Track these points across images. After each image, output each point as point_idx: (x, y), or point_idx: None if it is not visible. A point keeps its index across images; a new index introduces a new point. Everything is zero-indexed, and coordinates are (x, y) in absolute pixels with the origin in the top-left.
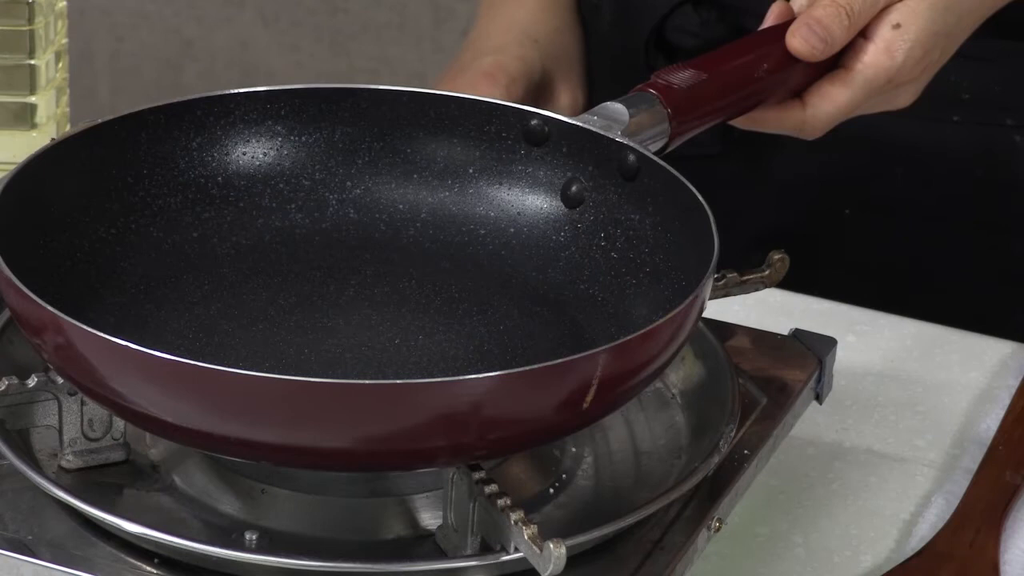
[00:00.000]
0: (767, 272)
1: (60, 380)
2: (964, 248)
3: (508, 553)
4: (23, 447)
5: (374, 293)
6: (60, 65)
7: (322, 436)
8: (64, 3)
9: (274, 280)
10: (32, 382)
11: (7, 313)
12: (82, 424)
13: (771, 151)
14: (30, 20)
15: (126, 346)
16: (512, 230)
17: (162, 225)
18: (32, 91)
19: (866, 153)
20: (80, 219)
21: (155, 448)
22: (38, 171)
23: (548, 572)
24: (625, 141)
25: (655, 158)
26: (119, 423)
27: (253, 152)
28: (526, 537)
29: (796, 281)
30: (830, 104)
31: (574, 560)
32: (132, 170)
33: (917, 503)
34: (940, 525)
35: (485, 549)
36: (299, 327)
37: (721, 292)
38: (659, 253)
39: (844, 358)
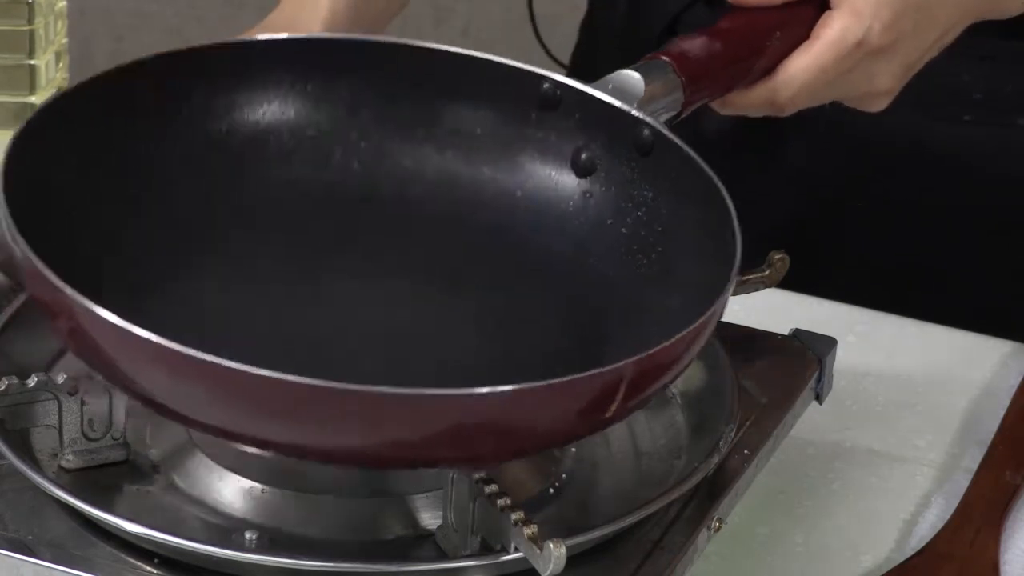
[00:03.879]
0: (767, 272)
1: (60, 380)
2: (970, 246)
3: (508, 553)
4: (23, 447)
5: (381, 261)
6: (60, 65)
7: (335, 436)
8: (64, 3)
9: (279, 248)
10: (32, 382)
11: (7, 313)
12: (82, 424)
13: (778, 148)
14: (30, 20)
15: (146, 337)
16: (519, 194)
17: (164, 182)
18: (32, 91)
19: (874, 151)
20: (82, 179)
21: (155, 448)
22: (38, 135)
23: (548, 572)
24: (641, 116)
25: (673, 136)
26: (119, 423)
27: (260, 105)
28: (526, 537)
29: (797, 281)
30: (797, 70)
31: (574, 560)
32: (133, 125)
33: (917, 503)
34: (940, 525)
35: (485, 549)
36: (306, 300)
37: None
38: (672, 236)
39: (844, 358)
